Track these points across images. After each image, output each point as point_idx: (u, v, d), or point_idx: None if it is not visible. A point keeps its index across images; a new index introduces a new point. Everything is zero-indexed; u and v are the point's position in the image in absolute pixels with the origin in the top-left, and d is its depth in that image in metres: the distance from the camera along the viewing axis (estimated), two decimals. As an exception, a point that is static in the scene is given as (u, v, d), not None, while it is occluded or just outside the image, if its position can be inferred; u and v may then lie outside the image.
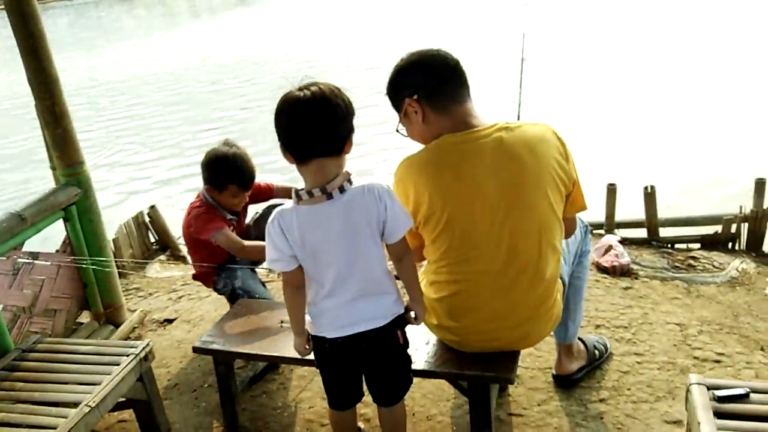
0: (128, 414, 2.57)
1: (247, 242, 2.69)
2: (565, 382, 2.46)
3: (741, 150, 6.30)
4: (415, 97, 1.87)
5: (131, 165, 8.29)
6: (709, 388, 1.77)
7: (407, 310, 1.87)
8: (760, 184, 3.72)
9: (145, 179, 7.63)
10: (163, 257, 4.47)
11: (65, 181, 2.86)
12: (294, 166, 1.69)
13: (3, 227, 2.53)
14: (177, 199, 6.64)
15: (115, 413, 2.58)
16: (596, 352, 2.53)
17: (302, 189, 1.67)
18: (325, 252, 1.69)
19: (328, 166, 1.65)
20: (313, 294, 1.78)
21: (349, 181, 1.67)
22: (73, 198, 2.86)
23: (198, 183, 2.90)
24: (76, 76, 15.20)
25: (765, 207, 3.71)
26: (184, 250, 4.58)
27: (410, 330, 2.16)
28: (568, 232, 2.06)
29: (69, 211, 2.88)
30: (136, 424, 2.50)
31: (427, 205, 1.83)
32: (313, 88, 1.61)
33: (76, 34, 24.96)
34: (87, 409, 2.03)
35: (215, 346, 2.31)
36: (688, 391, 1.80)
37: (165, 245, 4.57)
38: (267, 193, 2.98)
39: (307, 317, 1.84)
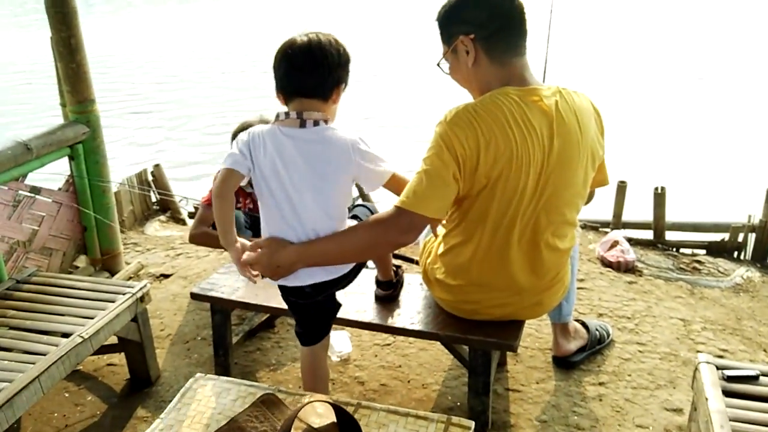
0: (118, 359, 2.52)
1: (205, 231, 2.68)
2: (565, 363, 2.41)
3: (755, 158, 6.30)
4: (472, 37, 1.69)
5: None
6: (718, 368, 1.74)
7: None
8: (770, 194, 3.69)
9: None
10: (163, 218, 4.42)
11: (74, 118, 2.81)
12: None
13: (8, 155, 2.48)
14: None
15: (105, 356, 2.53)
16: (598, 334, 2.49)
17: (282, 111, 1.66)
18: (284, 177, 1.63)
19: (310, 106, 1.64)
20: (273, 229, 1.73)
21: (326, 122, 1.65)
22: (80, 136, 2.81)
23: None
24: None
25: (774, 217, 3.68)
26: (184, 213, 4.54)
27: (414, 295, 2.14)
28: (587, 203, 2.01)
29: (75, 150, 2.83)
30: (125, 368, 2.45)
31: (485, 158, 1.62)
32: (311, 34, 1.64)
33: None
34: (79, 340, 1.98)
35: (213, 293, 2.26)
36: (696, 369, 1.76)
37: (166, 206, 4.52)
38: None
39: None
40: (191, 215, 4.47)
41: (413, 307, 2.10)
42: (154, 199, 4.50)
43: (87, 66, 2.76)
